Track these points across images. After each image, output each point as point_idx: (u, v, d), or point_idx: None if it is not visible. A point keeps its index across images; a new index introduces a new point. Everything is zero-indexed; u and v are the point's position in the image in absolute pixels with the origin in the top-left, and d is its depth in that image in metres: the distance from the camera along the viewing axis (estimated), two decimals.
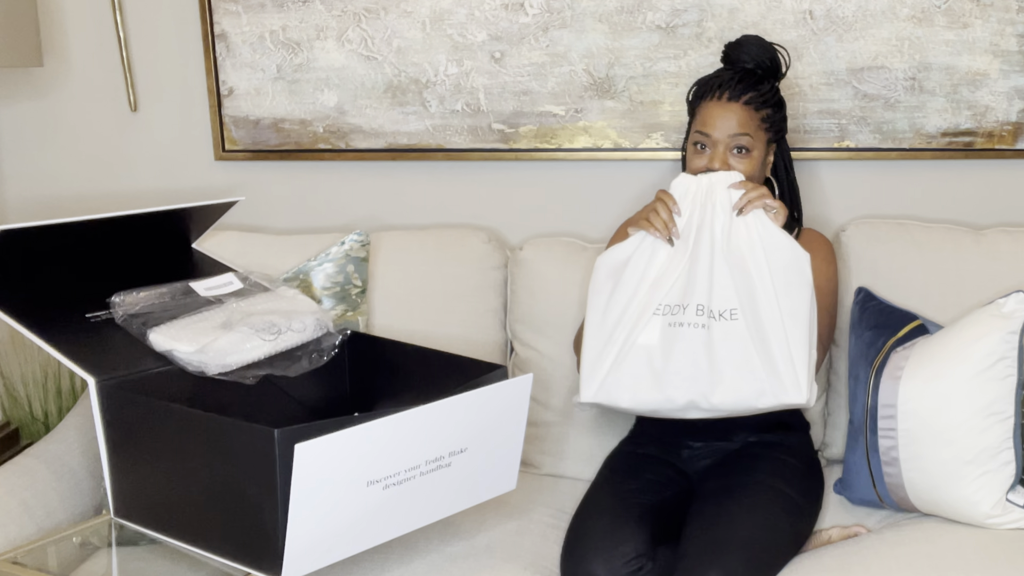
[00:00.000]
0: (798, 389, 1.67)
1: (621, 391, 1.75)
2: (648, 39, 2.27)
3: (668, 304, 1.74)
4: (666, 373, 1.71)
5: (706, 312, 1.71)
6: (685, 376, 1.71)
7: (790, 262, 1.73)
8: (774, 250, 1.73)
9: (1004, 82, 2.19)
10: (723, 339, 1.70)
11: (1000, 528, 1.82)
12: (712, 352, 1.70)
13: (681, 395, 1.71)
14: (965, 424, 1.83)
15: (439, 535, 1.81)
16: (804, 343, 1.69)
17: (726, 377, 1.69)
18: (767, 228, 1.75)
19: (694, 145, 1.93)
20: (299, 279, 2.13)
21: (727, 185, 1.79)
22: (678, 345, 1.71)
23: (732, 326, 1.70)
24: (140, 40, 2.47)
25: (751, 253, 1.73)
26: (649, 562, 1.74)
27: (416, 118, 2.39)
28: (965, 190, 2.27)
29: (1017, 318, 1.86)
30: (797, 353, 1.68)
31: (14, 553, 1.65)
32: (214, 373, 1.69)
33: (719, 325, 1.70)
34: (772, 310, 1.69)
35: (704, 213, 1.77)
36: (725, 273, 1.72)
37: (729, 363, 1.69)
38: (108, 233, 1.80)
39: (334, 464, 1.42)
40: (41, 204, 2.58)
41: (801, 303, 1.71)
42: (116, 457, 1.66)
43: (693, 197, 1.80)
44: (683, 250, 1.77)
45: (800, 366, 1.68)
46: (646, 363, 1.72)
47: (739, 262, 1.72)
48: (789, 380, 1.68)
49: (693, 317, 1.71)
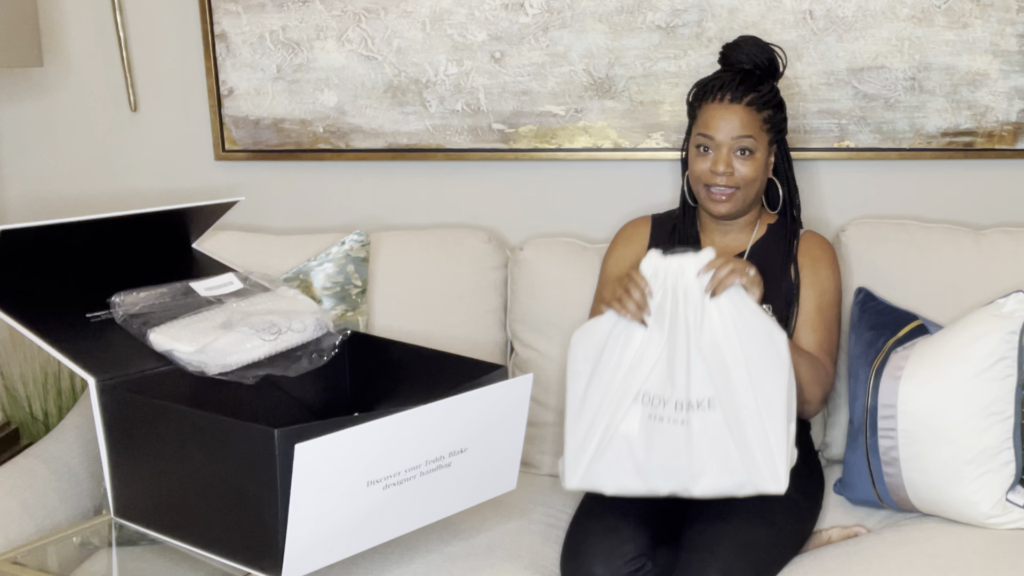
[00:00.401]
0: (776, 480, 1.69)
1: (604, 479, 1.75)
2: (648, 39, 2.27)
3: (648, 394, 1.71)
4: (648, 465, 1.72)
5: (684, 407, 1.69)
6: (666, 470, 1.71)
7: (766, 347, 1.69)
8: (749, 338, 1.69)
9: (1004, 82, 2.19)
10: (702, 432, 1.69)
11: (1000, 528, 1.82)
12: (692, 446, 1.69)
13: (663, 485, 1.73)
14: (965, 424, 1.83)
15: (439, 535, 1.81)
16: (782, 430, 1.69)
17: (707, 470, 1.69)
18: (741, 314, 1.70)
19: (696, 148, 1.93)
20: (299, 279, 2.13)
21: (696, 271, 1.71)
22: (658, 440, 1.70)
23: (710, 416, 1.68)
24: (140, 40, 2.47)
25: (726, 341, 1.69)
26: (649, 562, 1.74)
27: (416, 118, 2.39)
28: (965, 190, 2.27)
29: (1017, 318, 1.86)
30: (775, 442, 1.68)
31: (14, 553, 1.65)
32: (214, 373, 1.69)
33: (697, 416, 1.69)
34: (748, 399, 1.67)
35: (676, 299, 1.71)
36: (701, 363, 1.69)
37: (709, 456, 1.69)
38: (108, 233, 1.80)
39: (334, 464, 1.42)
40: (41, 204, 2.58)
41: (778, 389, 1.69)
42: (116, 457, 1.66)
43: (663, 279, 1.73)
44: (659, 334, 1.72)
45: (778, 455, 1.68)
46: (628, 453, 1.72)
47: (714, 352, 1.69)
48: (767, 471, 1.68)
49: (672, 413, 1.70)
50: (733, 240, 2.00)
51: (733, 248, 1.99)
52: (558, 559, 1.81)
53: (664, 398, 1.71)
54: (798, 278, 1.95)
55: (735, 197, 1.91)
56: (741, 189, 1.91)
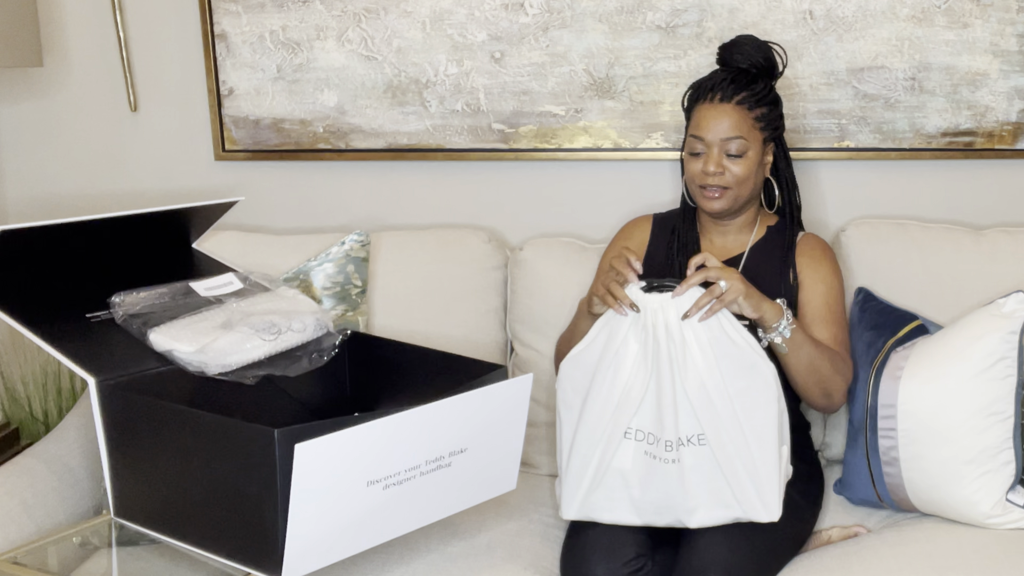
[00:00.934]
0: (768, 511, 1.69)
1: (601, 511, 1.75)
2: (648, 39, 2.27)
3: (640, 431, 1.71)
4: (643, 502, 1.73)
5: (675, 445, 1.69)
6: (661, 506, 1.72)
7: (752, 380, 1.67)
8: (733, 375, 1.67)
9: (1004, 82, 2.19)
10: (694, 467, 1.69)
11: (1000, 528, 1.82)
12: (685, 483, 1.69)
13: (659, 519, 1.74)
14: (965, 424, 1.83)
15: (439, 535, 1.81)
16: (773, 461, 1.69)
17: (701, 504, 1.70)
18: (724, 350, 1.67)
19: (690, 148, 1.93)
20: (299, 279, 2.13)
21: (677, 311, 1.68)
22: (652, 478, 1.71)
23: (701, 452, 1.68)
24: (140, 40, 2.47)
25: (711, 379, 1.66)
26: (649, 562, 1.74)
27: (416, 118, 2.39)
28: (965, 190, 2.27)
29: (1017, 318, 1.86)
30: (766, 473, 1.68)
31: (14, 553, 1.65)
32: (214, 373, 1.69)
33: (688, 452, 1.68)
34: (737, 434, 1.67)
35: (658, 339, 1.68)
36: (687, 402, 1.67)
37: (702, 491, 1.69)
38: (108, 233, 1.80)
39: (334, 464, 1.41)
40: (41, 204, 2.58)
41: (768, 420, 1.69)
42: (116, 457, 1.66)
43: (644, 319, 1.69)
44: (644, 370, 1.70)
45: (769, 486, 1.68)
46: (623, 487, 1.73)
47: (700, 391, 1.67)
48: (759, 503, 1.69)
49: (663, 452, 1.70)
50: (732, 241, 2.00)
51: (732, 249, 1.99)
52: (558, 559, 1.81)
53: (656, 436, 1.70)
54: (796, 281, 1.94)
55: (728, 195, 1.91)
56: (733, 188, 1.90)
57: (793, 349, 1.79)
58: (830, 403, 1.89)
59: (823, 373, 1.82)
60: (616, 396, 1.71)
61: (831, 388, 1.85)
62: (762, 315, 1.75)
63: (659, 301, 1.69)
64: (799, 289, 1.94)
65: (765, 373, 1.68)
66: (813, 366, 1.81)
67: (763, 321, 1.76)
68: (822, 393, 1.85)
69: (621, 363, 1.71)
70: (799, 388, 1.86)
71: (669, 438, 1.68)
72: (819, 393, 1.85)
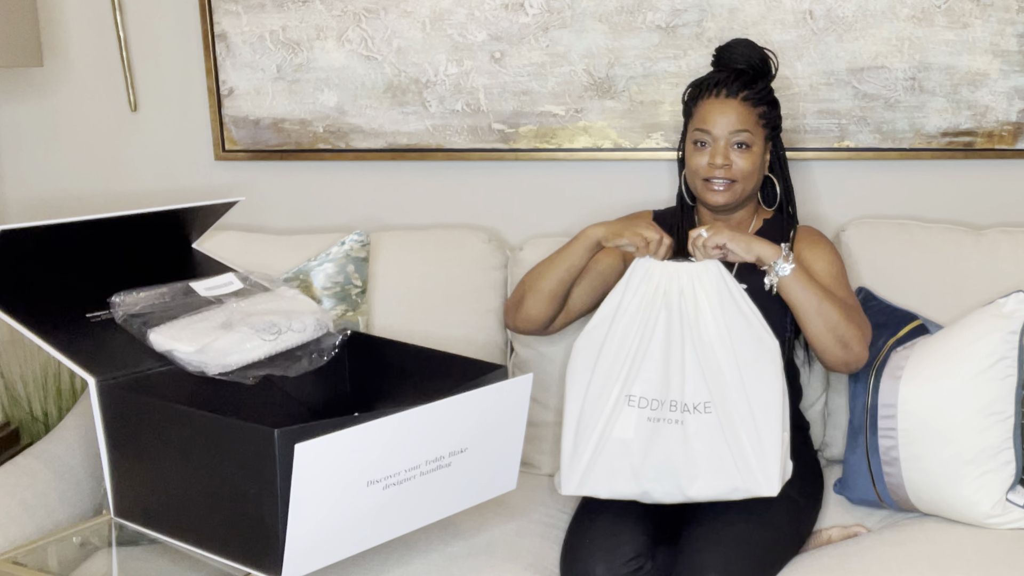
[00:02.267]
0: (769, 484, 1.70)
1: (599, 484, 1.76)
2: (648, 39, 2.27)
3: (644, 397, 1.73)
4: (644, 468, 1.73)
5: (679, 407, 1.71)
6: (661, 471, 1.73)
7: (759, 353, 1.71)
8: (743, 343, 1.71)
9: (1004, 82, 2.19)
10: (697, 433, 1.70)
11: (1000, 528, 1.82)
12: (687, 447, 1.71)
13: (658, 488, 1.74)
14: (965, 424, 1.83)
15: (439, 535, 1.81)
16: (776, 434, 1.70)
17: (701, 472, 1.71)
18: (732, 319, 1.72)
19: (694, 144, 1.94)
20: (299, 279, 2.13)
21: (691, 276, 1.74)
22: (655, 440, 1.72)
23: (705, 419, 1.70)
24: (140, 40, 2.47)
25: (721, 345, 1.71)
26: (648, 562, 1.74)
27: (416, 118, 2.39)
28: (965, 190, 2.27)
29: (1017, 318, 1.86)
30: (769, 445, 1.69)
31: (14, 553, 1.65)
32: (214, 373, 1.69)
33: (693, 418, 1.70)
34: (743, 403, 1.69)
35: (670, 301, 1.74)
36: (697, 367, 1.71)
37: (704, 458, 1.71)
38: (108, 233, 1.80)
39: (334, 464, 1.41)
40: (41, 204, 2.58)
41: (772, 394, 1.71)
42: (116, 457, 1.66)
43: (657, 282, 1.75)
44: (652, 335, 1.74)
45: (772, 459, 1.70)
46: (623, 456, 1.74)
47: (710, 355, 1.71)
48: (761, 476, 1.70)
49: (668, 412, 1.71)
50: None
51: None
52: (558, 559, 1.81)
53: (660, 400, 1.72)
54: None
55: (733, 188, 1.92)
56: (739, 182, 1.91)
57: (798, 289, 1.79)
58: (849, 354, 1.84)
59: (834, 318, 1.80)
60: (621, 363, 1.74)
61: (847, 336, 1.82)
62: (758, 255, 1.78)
63: (675, 267, 1.75)
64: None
65: (771, 348, 1.73)
66: (822, 310, 1.80)
67: (761, 260, 1.79)
68: (838, 342, 1.82)
69: (627, 331, 1.75)
70: (814, 339, 1.83)
71: (675, 398, 1.71)
72: (835, 342, 1.82)
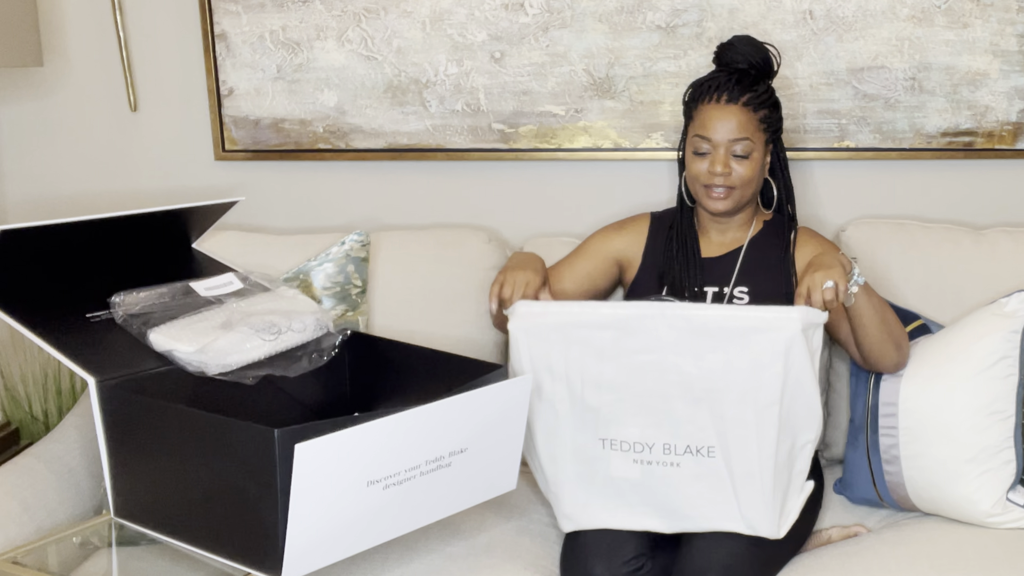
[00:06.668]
0: (772, 527, 1.70)
1: (598, 519, 1.76)
2: (648, 39, 2.27)
3: (625, 441, 1.70)
4: (642, 505, 1.73)
5: (673, 450, 1.68)
6: (660, 512, 1.73)
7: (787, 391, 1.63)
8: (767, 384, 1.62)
9: (1004, 82, 2.19)
10: (698, 477, 1.68)
11: (1000, 527, 1.83)
12: (686, 489, 1.70)
13: (658, 524, 1.74)
14: (966, 423, 1.83)
15: (439, 535, 1.81)
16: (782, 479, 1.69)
17: (703, 513, 1.71)
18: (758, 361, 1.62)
19: (694, 149, 1.93)
20: (299, 279, 2.13)
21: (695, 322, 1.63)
22: (649, 483, 1.71)
23: (710, 464, 1.67)
24: (140, 40, 2.47)
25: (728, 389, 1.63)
26: (648, 562, 1.74)
27: (416, 118, 2.39)
28: (965, 190, 2.27)
29: (1019, 318, 1.86)
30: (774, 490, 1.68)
31: (14, 553, 1.65)
32: (214, 373, 1.69)
33: (694, 462, 1.68)
34: (751, 448, 1.65)
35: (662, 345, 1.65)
36: (703, 411, 1.65)
37: (705, 500, 1.70)
38: (108, 233, 1.80)
39: (334, 464, 1.41)
40: (41, 204, 2.58)
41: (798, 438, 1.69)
42: (116, 457, 1.66)
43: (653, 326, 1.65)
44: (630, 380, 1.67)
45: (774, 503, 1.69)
46: (619, 495, 1.73)
47: (717, 400, 1.64)
48: (764, 519, 1.69)
49: (660, 456, 1.69)
50: (730, 238, 2.01)
51: (730, 244, 2.00)
52: (558, 559, 1.81)
53: (649, 444, 1.69)
54: (794, 268, 1.94)
55: (733, 195, 1.91)
56: (738, 188, 1.91)
57: (868, 297, 1.77)
58: (901, 355, 1.87)
59: (890, 320, 1.83)
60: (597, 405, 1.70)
61: (899, 336, 1.86)
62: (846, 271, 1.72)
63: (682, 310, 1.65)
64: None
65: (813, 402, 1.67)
66: (887, 317, 1.82)
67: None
68: (895, 345, 1.84)
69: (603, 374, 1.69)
70: (876, 346, 1.83)
71: (667, 441, 1.68)
72: (893, 346, 1.84)
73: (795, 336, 1.60)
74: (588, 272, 2.03)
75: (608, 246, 2.05)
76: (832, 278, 1.66)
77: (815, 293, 1.67)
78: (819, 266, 1.70)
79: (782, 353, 1.61)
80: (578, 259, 2.05)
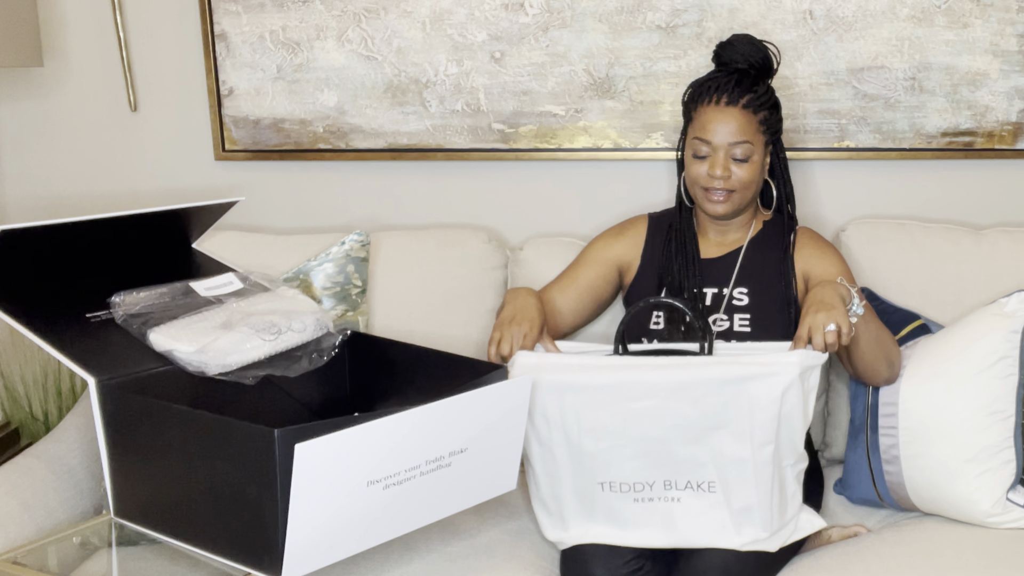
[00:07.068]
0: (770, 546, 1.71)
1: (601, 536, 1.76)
2: (648, 39, 2.27)
3: (625, 483, 1.70)
4: (640, 531, 1.73)
5: (675, 486, 1.69)
6: (661, 539, 1.73)
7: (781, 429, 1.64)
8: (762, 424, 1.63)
9: (1004, 82, 2.19)
10: (698, 513, 1.70)
11: (1000, 527, 1.83)
12: (686, 520, 1.71)
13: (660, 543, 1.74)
14: (966, 423, 1.83)
15: (439, 535, 1.81)
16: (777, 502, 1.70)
17: (703, 538, 1.71)
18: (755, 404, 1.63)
19: (693, 151, 1.92)
20: (299, 279, 2.13)
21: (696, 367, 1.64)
22: (648, 517, 1.72)
23: (710, 498, 1.69)
24: (140, 40, 2.47)
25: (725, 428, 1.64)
26: (648, 562, 1.74)
27: (416, 118, 2.39)
28: (965, 190, 2.27)
29: (1019, 317, 1.86)
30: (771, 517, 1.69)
31: (14, 553, 1.65)
32: (214, 373, 1.69)
33: (694, 496, 1.69)
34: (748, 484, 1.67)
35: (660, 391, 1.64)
36: (703, 449, 1.66)
37: (707, 529, 1.71)
38: (108, 233, 1.80)
39: (334, 464, 1.41)
40: (41, 204, 2.58)
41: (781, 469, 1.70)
42: (116, 457, 1.66)
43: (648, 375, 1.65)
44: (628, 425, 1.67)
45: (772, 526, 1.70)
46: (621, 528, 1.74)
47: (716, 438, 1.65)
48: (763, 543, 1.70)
49: (662, 492, 1.70)
50: (729, 238, 2.00)
51: (730, 244, 1.99)
52: (558, 560, 1.81)
53: (649, 483, 1.70)
54: (794, 269, 1.94)
55: (732, 198, 1.91)
56: (738, 192, 1.90)
57: (866, 324, 1.77)
58: (893, 371, 1.88)
59: (884, 340, 1.83)
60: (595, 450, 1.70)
61: (893, 355, 1.87)
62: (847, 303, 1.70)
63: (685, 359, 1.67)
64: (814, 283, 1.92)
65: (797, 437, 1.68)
66: (879, 336, 1.82)
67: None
68: (888, 362, 1.86)
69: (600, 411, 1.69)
70: (870, 364, 1.84)
71: (668, 478, 1.69)
72: (886, 364, 1.86)
73: (792, 381, 1.61)
74: (590, 281, 2.02)
75: (608, 252, 2.05)
76: (834, 320, 1.64)
77: (816, 336, 1.64)
78: (820, 305, 1.67)
79: (778, 397, 1.62)
80: (579, 269, 2.05)
